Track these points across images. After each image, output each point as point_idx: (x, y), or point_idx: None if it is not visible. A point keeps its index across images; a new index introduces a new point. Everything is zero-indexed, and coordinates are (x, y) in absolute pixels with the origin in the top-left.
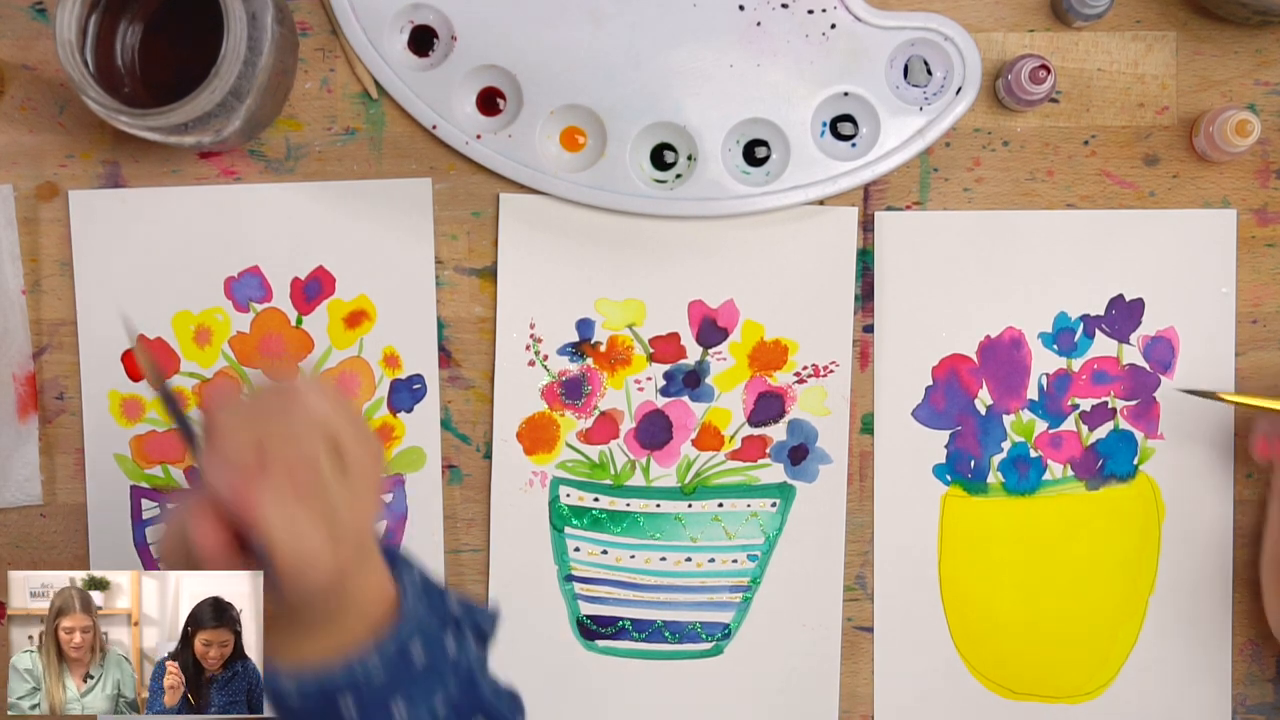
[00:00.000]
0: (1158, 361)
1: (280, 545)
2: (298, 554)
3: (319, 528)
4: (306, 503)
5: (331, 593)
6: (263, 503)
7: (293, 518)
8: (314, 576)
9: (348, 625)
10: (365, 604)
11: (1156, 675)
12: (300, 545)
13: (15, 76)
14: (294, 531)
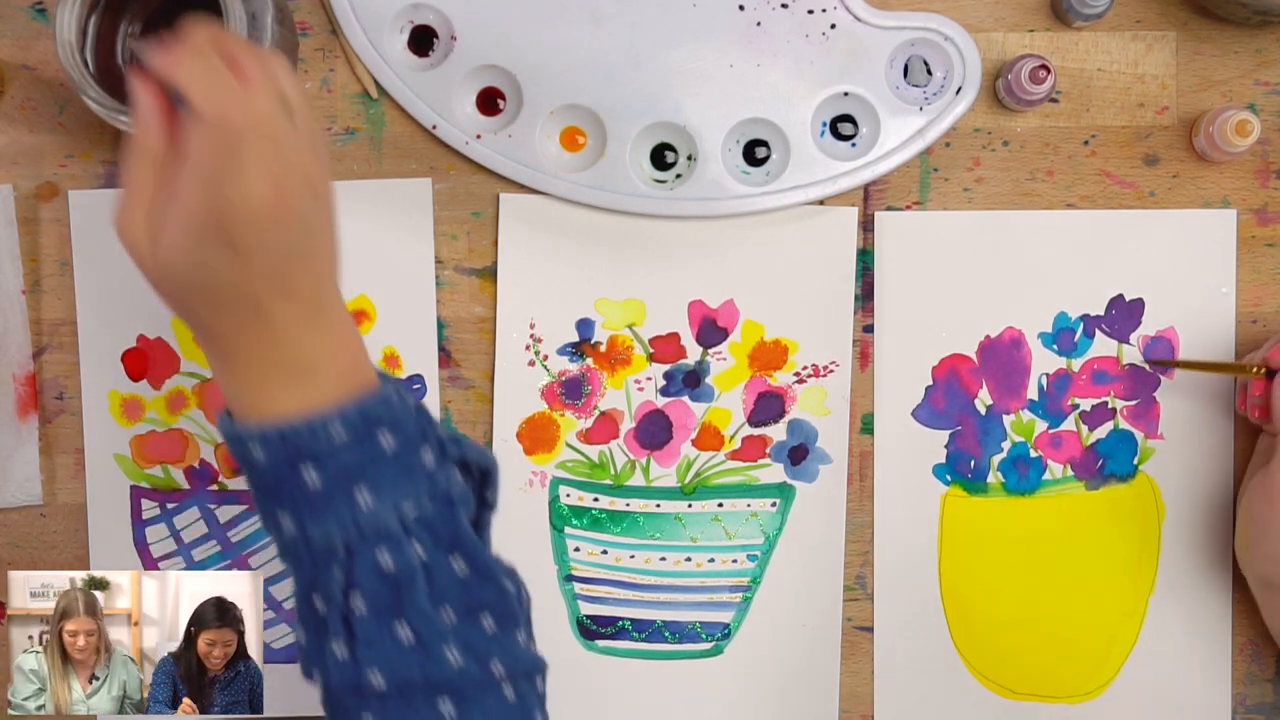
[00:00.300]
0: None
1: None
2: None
3: (280, 159)
4: (273, 142)
5: (290, 256)
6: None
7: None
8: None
9: (311, 363)
10: (331, 348)
11: (1156, 675)
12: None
13: (15, 76)
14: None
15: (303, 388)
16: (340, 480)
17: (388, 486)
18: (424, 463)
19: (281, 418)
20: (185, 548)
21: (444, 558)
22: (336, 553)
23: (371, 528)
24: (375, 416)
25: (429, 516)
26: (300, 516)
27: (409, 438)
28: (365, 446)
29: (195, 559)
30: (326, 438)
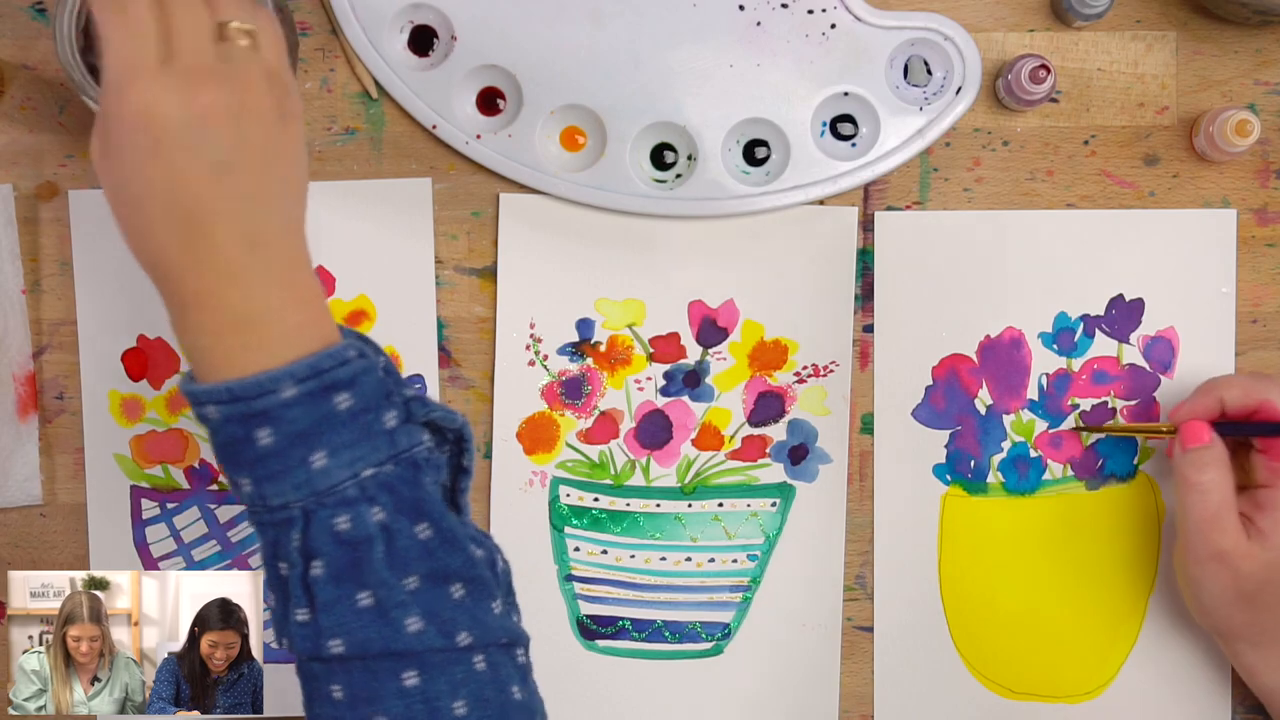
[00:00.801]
0: (1158, 361)
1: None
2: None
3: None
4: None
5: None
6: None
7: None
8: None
9: (266, 316)
10: (285, 305)
11: (1156, 675)
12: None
13: (15, 76)
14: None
15: (258, 344)
16: (294, 441)
17: (345, 448)
18: (385, 424)
19: (233, 373)
20: (185, 548)
21: (406, 523)
22: (294, 517)
23: (327, 490)
24: (328, 374)
25: (390, 479)
26: (256, 478)
27: (367, 397)
28: (319, 405)
29: (195, 559)
30: (275, 395)
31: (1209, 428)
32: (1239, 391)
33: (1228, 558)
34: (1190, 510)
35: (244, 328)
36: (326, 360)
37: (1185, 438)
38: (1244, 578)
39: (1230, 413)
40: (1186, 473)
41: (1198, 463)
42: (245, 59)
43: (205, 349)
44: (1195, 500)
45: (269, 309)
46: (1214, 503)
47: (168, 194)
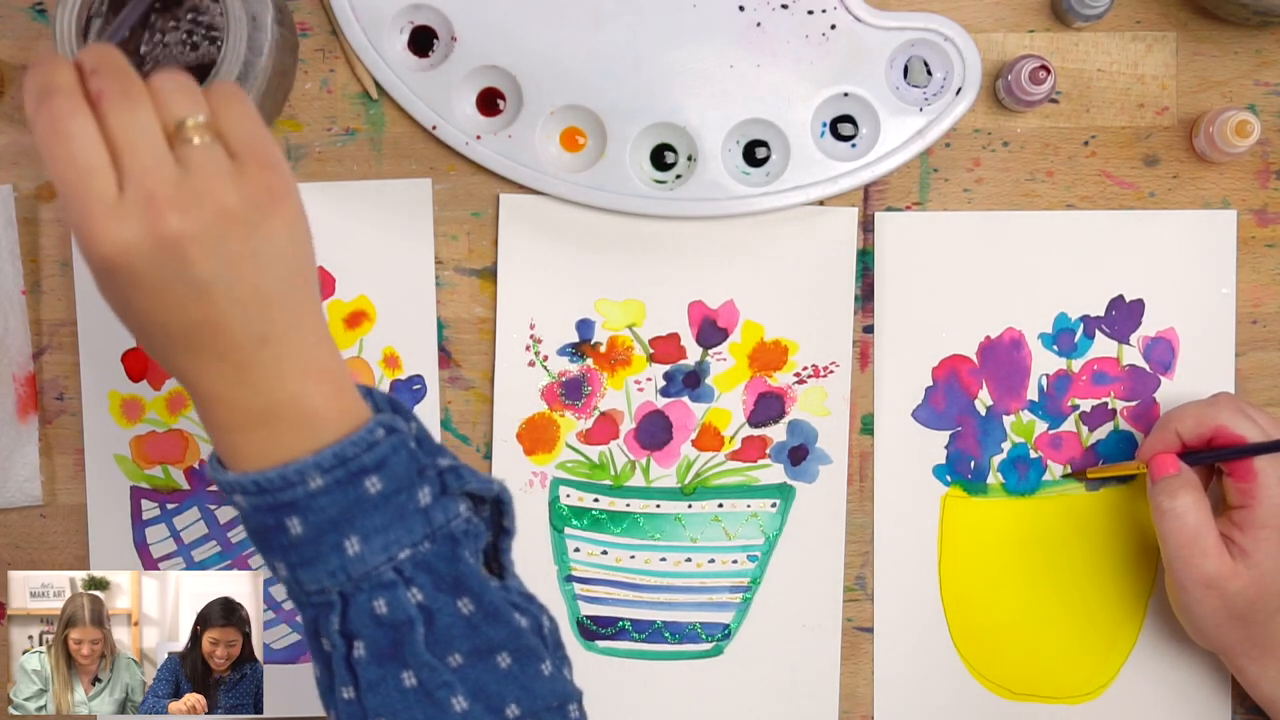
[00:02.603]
0: (1158, 362)
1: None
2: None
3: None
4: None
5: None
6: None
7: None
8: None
9: (286, 407)
10: (302, 398)
11: (1156, 675)
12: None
13: (15, 77)
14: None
15: (280, 436)
16: (326, 529)
17: (378, 532)
18: (419, 503)
19: (260, 464)
20: (185, 548)
21: (447, 600)
22: (332, 601)
23: (363, 575)
24: (355, 460)
25: (427, 558)
26: (291, 564)
27: (399, 478)
28: (348, 492)
29: (195, 559)
30: (304, 486)
31: (1174, 457)
32: (1192, 422)
33: (1214, 580)
34: (1169, 537)
35: (264, 422)
36: (352, 447)
37: (1154, 471)
38: (1233, 597)
39: (1188, 443)
40: (1160, 501)
41: (1168, 490)
42: (207, 161)
43: (229, 444)
44: (1172, 526)
45: (287, 400)
46: (1191, 526)
47: (160, 319)
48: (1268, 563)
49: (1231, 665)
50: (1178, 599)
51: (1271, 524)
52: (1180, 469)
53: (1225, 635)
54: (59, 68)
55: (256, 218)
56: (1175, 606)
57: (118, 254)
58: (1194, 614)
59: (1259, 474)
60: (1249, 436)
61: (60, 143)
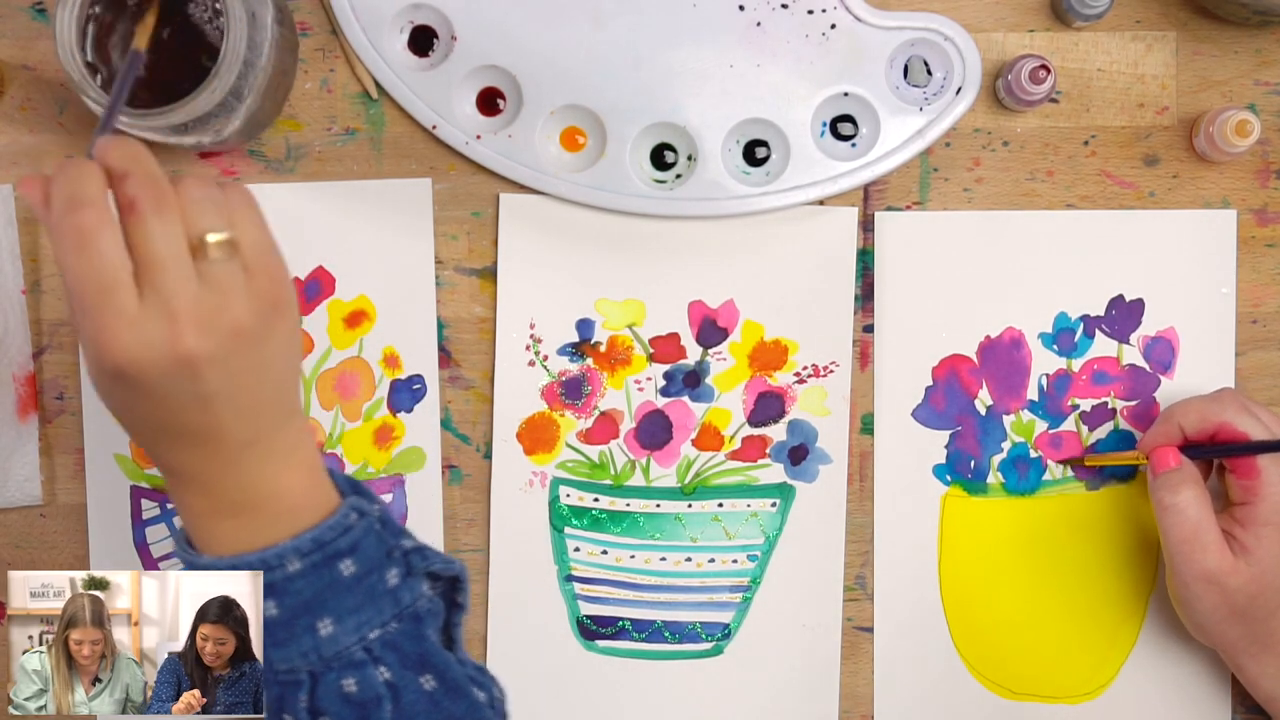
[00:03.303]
0: (1158, 362)
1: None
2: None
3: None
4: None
5: (186, 399)
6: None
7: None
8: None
9: (264, 497)
10: (284, 490)
11: (1156, 675)
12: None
13: (15, 76)
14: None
15: (258, 525)
16: (300, 611)
17: (350, 613)
18: (388, 583)
19: (236, 549)
20: None
21: (412, 676)
22: (300, 680)
23: (334, 655)
24: (331, 545)
25: (394, 637)
26: (263, 643)
27: (370, 560)
28: (323, 575)
29: None
30: (281, 570)
31: (1177, 452)
32: (1195, 417)
33: (1215, 576)
34: (1170, 532)
35: (242, 511)
36: (329, 531)
37: (1155, 464)
38: (1233, 593)
39: (1191, 437)
40: (1161, 496)
41: (1170, 484)
42: (226, 278)
43: (205, 528)
44: (1173, 521)
45: (267, 492)
46: (1191, 521)
47: (157, 421)
48: (1268, 559)
49: (1231, 662)
50: (1178, 594)
51: (1273, 521)
52: (1182, 463)
53: (1225, 632)
54: (88, 177)
55: (263, 332)
56: (1175, 602)
57: (130, 365)
58: (1194, 610)
59: (1262, 471)
60: (1252, 434)
61: (85, 258)
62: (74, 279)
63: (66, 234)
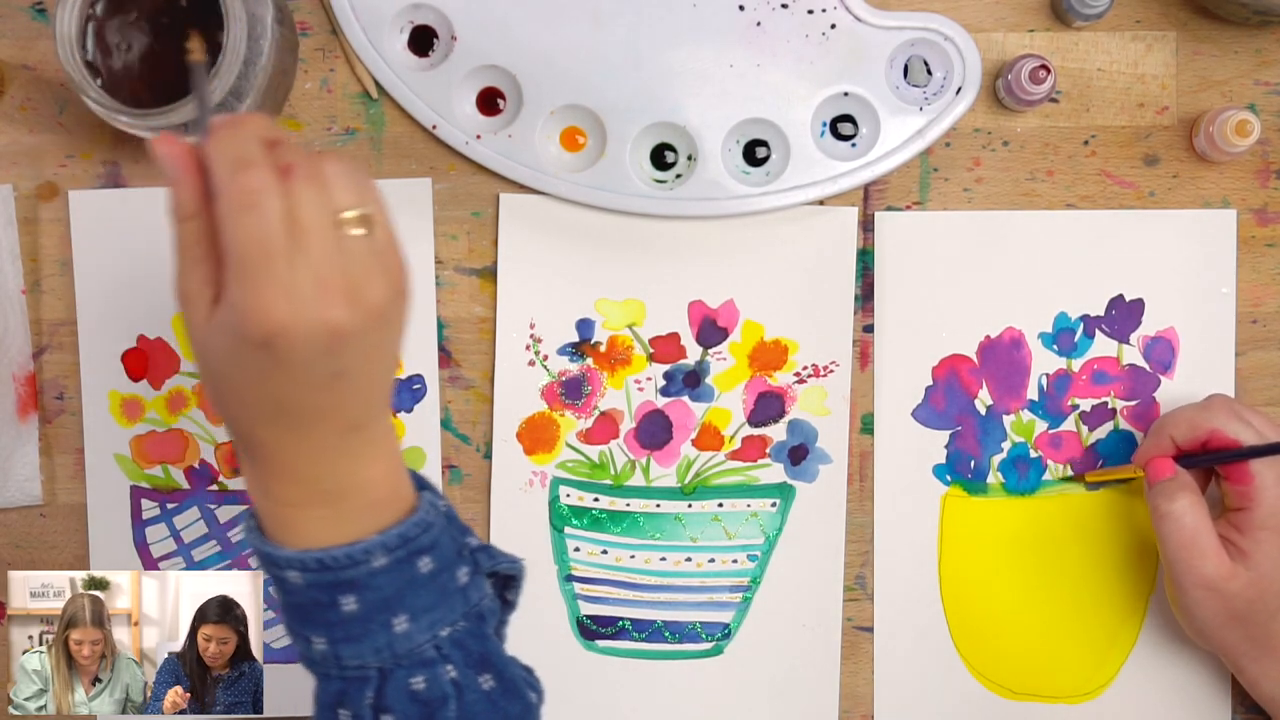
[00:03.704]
0: (1158, 362)
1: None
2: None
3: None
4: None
5: (334, 374)
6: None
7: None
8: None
9: (353, 487)
10: (374, 480)
11: (1156, 675)
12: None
13: (15, 76)
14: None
15: (345, 516)
16: (378, 607)
17: (424, 610)
18: (459, 581)
19: (319, 541)
20: (185, 548)
21: (473, 676)
22: (369, 676)
23: (407, 653)
24: (416, 541)
25: (461, 636)
26: (334, 640)
27: (446, 557)
28: (404, 571)
29: (195, 559)
30: (366, 565)
31: (1171, 461)
32: (1185, 427)
33: (1213, 582)
34: (1168, 540)
35: (330, 501)
36: (414, 528)
37: (1151, 474)
38: (1232, 598)
39: (1182, 447)
40: (1158, 504)
41: (1166, 492)
42: (366, 255)
43: (288, 518)
44: (1171, 529)
45: (358, 483)
46: (1189, 528)
47: (279, 396)
48: (1266, 564)
49: (1232, 665)
50: (1177, 600)
51: (1270, 525)
52: (1176, 472)
53: (1225, 636)
54: (253, 138)
55: (391, 314)
56: (1175, 608)
57: (281, 333)
58: (1194, 615)
59: (1255, 476)
60: (1243, 439)
61: (253, 218)
62: (238, 240)
63: (234, 193)
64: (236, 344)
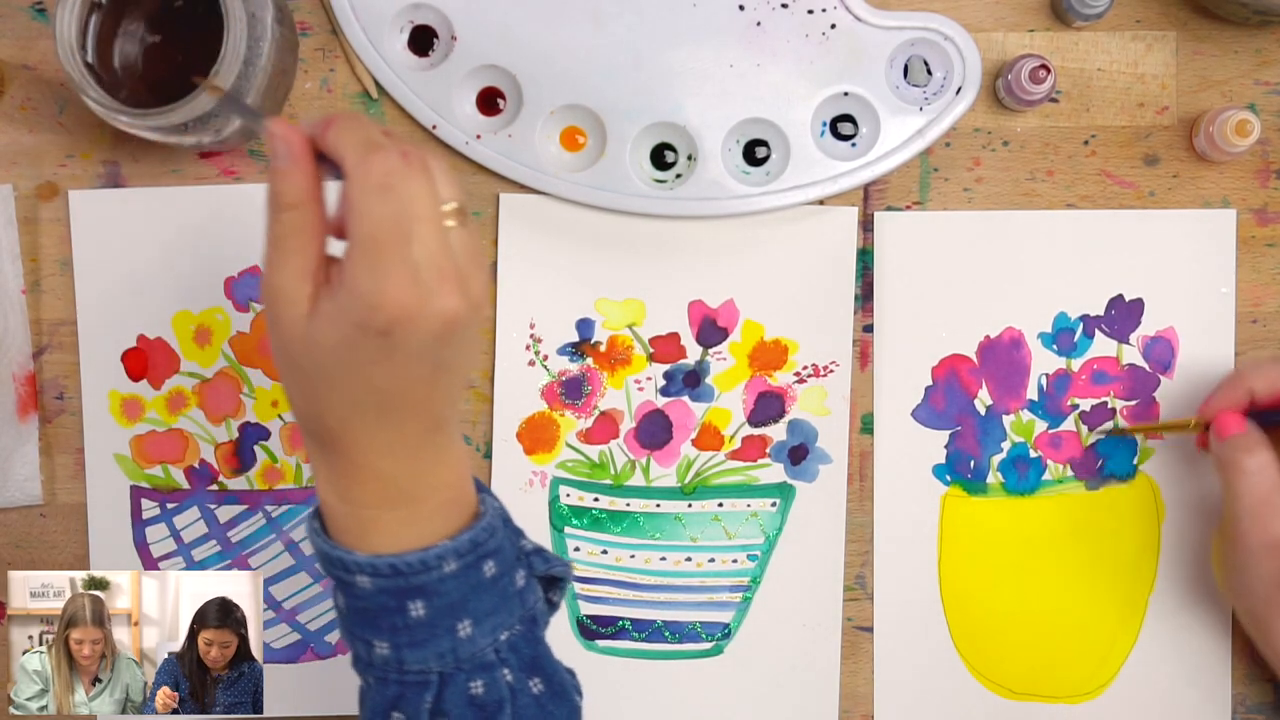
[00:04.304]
0: (1157, 362)
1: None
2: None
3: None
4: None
5: (442, 354)
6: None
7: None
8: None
9: (428, 489)
10: (448, 481)
11: (1156, 675)
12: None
13: (15, 76)
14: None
15: (417, 518)
16: (445, 612)
17: (487, 615)
18: (516, 585)
19: (391, 546)
20: (185, 548)
21: (525, 679)
22: (430, 680)
23: (469, 658)
24: (484, 546)
25: (516, 640)
26: (398, 644)
27: (507, 561)
28: (471, 576)
29: (195, 559)
30: (438, 570)
31: (1242, 417)
32: (1268, 380)
33: None
34: (1242, 497)
35: (408, 502)
36: (483, 533)
37: (1222, 428)
38: None
39: (1260, 401)
40: (1237, 458)
41: (1245, 446)
42: (466, 246)
43: (363, 520)
44: (1248, 486)
45: (433, 484)
46: (1265, 485)
47: (381, 388)
48: None
49: (1261, 631)
50: (1234, 559)
51: None
52: (1249, 427)
53: (1273, 600)
54: (373, 124)
55: (483, 308)
56: (1226, 566)
57: (405, 320)
58: (1249, 574)
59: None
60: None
61: (389, 201)
62: (371, 222)
63: (369, 174)
64: (353, 333)
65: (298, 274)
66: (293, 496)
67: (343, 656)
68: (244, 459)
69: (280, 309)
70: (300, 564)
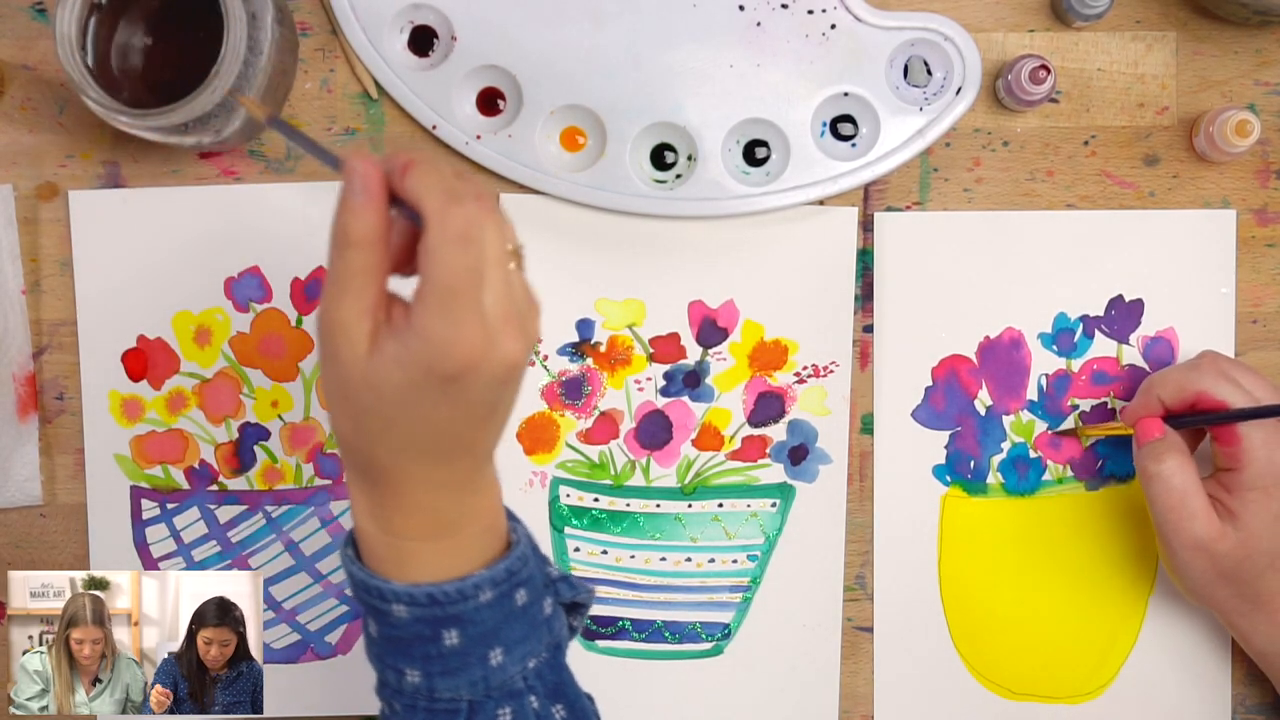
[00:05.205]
0: (1157, 362)
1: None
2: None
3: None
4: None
5: (503, 395)
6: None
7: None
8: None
9: (467, 520)
10: (485, 510)
11: (1156, 675)
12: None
13: (15, 76)
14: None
15: (456, 549)
16: (478, 641)
17: (517, 643)
18: (544, 613)
19: (429, 575)
20: (185, 548)
21: (550, 706)
22: (459, 709)
23: (499, 685)
24: (518, 575)
25: (543, 667)
26: (429, 673)
27: (536, 589)
28: (505, 605)
29: (195, 559)
30: (474, 600)
31: (1160, 422)
32: (1173, 387)
33: (1202, 543)
34: (1157, 500)
35: (449, 533)
36: (517, 562)
37: (1139, 435)
38: (1221, 558)
39: (1169, 407)
40: (1146, 465)
41: (1154, 453)
42: (524, 290)
43: (404, 551)
44: (1160, 490)
45: (473, 513)
46: (1178, 489)
47: (441, 429)
48: (1255, 524)
49: (1225, 621)
50: (1168, 561)
51: (1258, 486)
52: (1165, 433)
53: (1215, 593)
54: (447, 168)
55: (532, 349)
56: (1167, 567)
57: (472, 367)
58: (1185, 575)
59: (1243, 438)
60: (1230, 400)
61: (469, 250)
62: (451, 273)
63: (453, 224)
64: (420, 377)
65: (359, 311)
66: (293, 497)
67: (343, 657)
68: (244, 459)
69: (339, 345)
70: (300, 564)
